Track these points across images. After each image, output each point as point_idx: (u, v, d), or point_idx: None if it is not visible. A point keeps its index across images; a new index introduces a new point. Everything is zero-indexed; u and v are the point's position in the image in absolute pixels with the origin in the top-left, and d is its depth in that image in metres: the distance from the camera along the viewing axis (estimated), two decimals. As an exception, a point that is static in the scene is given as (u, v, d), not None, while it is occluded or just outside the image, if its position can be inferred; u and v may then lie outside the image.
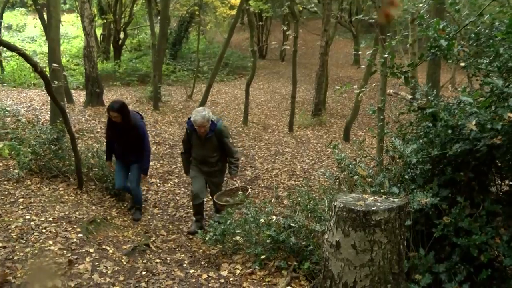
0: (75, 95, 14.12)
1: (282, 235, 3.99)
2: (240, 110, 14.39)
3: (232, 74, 21.88)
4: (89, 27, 12.83)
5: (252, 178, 8.40)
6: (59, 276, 2.62)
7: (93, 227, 4.84)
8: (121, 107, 5.48)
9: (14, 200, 5.49)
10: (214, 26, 26.47)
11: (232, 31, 12.78)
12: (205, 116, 5.33)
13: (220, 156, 5.70)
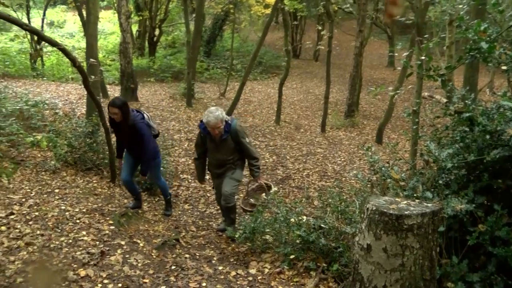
0: (110, 90, 14.40)
1: (312, 236, 3.98)
2: (272, 109, 14.39)
3: (266, 73, 21.86)
4: (126, 24, 13.05)
5: (283, 177, 8.39)
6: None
7: (125, 220, 4.94)
8: (122, 104, 5.27)
9: (51, 190, 5.65)
10: (249, 24, 26.52)
11: (266, 30, 12.78)
12: (218, 116, 4.91)
13: (237, 158, 5.30)
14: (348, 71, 16.22)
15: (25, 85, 13.56)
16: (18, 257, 3.75)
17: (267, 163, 9.20)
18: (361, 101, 16.25)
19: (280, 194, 6.80)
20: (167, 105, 13.38)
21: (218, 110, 4.99)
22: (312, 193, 7.41)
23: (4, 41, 20.15)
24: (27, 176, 6.13)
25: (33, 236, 4.20)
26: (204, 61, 20.52)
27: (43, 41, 4.70)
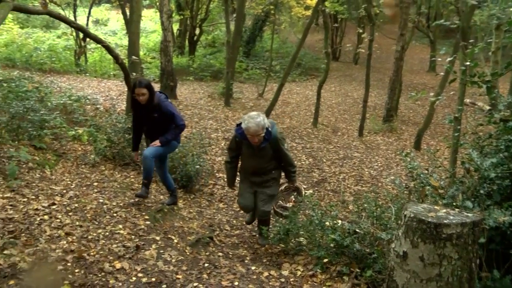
0: (150, 87, 14.64)
1: (346, 240, 3.94)
2: (310, 111, 14.32)
3: (304, 75, 21.77)
4: (167, 23, 13.26)
5: (319, 180, 8.34)
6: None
7: (160, 216, 5.02)
8: (149, 83, 5.15)
9: (90, 183, 5.79)
10: (289, 26, 26.46)
11: (306, 31, 12.73)
12: (260, 123, 4.49)
13: (274, 166, 4.95)
14: (388, 75, 15.97)
15: (69, 81, 13.98)
16: (59, 246, 3.87)
17: (303, 166, 9.16)
18: (400, 106, 15.97)
19: (315, 197, 6.76)
20: (205, 104, 13.52)
21: (259, 116, 4.58)
22: (348, 197, 7.34)
23: (52, 38, 20.84)
24: (68, 169, 6.31)
25: (73, 227, 4.32)
26: (243, 61, 20.63)
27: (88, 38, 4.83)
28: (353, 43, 23.78)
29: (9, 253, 3.57)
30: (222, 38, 23.36)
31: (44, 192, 5.10)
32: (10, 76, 9.83)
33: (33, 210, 4.52)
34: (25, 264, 3.44)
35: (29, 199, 4.80)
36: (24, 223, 4.17)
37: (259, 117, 4.57)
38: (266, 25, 23.28)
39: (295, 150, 10.27)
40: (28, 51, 17.15)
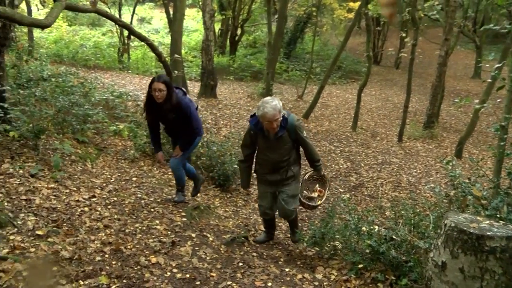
0: (190, 85, 14.84)
1: (382, 247, 3.87)
2: (349, 115, 14.18)
3: (345, 78, 21.58)
4: (209, 22, 13.38)
5: (356, 185, 8.25)
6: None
7: (197, 214, 5.06)
8: (168, 79, 4.73)
9: (129, 178, 5.91)
10: (330, 28, 26.32)
11: (349, 34, 12.63)
12: (276, 106, 4.14)
13: (293, 158, 4.58)
14: (430, 81, 15.64)
15: (112, 77, 14.30)
16: (98, 238, 3.97)
17: (341, 169, 9.08)
18: (442, 113, 15.60)
19: (352, 202, 6.68)
20: (244, 104, 13.58)
21: (274, 100, 4.23)
22: (385, 203, 7.22)
23: (97, 36, 21.42)
24: (108, 163, 6.46)
25: (111, 220, 4.43)
26: (283, 62, 20.62)
27: (133, 36, 4.92)
28: (395, 47, 23.40)
29: (52, 241, 3.69)
30: (263, 38, 23.44)
31: (85, 185, 5.24)
32: (58, 72, 10.15)
33: (75, 201, 4.65)
34: (66, 253, 3.55)
35: (71, 190, 4.94)
36: (66, 214, 4.30)
37: (274, 100, 4.22)
38: (308, 27, 23.19)
39: (333, 154, 10.19)
40: (74, 47, 17.70)
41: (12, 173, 4.82)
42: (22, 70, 8.78)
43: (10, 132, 5.62)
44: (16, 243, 3.48)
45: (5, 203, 4.09)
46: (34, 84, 8.12)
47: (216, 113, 11.73)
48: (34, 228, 3.82)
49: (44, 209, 4.27)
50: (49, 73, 9.52)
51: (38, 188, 4.71)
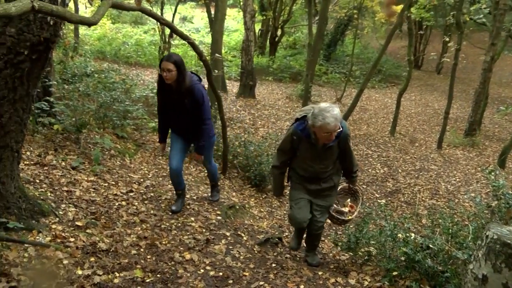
0: (229, 85, 14.94)
1: (418, 255, 3.79)
2: (388, 120, 13.97)
3: (384, 82, 21.26)
4: (250, 22, 13.46)
5: (393, 190, 8.12)
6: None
7: (232, 213, 5.09)
8: (179, 59, 4.27)
9: (166, 174, 6.00)
10: (371, 31, 25.95)
11: (390, 38, 12.42)
12: (337, 116, 3.62)
13: (337, 168, 4.14)
14: (473, 87, 15.23)
15: (152, 74, 14.55)
16: (134, 232, 4.05)
17: (378, 174, 8.96)
18: (485, 120, 15.16)
19: (388, 207, 6.58)
20: (282, 105, 13.57)
21: (334, 108, 3.66)
22: (421, 211, 7.07)
23: (139, 33, 21.85)
24: (146, 159, 6.57)
25: (147, 215, 4.51)
26: (323, 64, 20.50)
27: (175, 34, 4.97)
28: (437, 52, 22.87)
29: (91, 232, 3.79)
30: (303, 40, 23.35)
31: (123, 179, 5.35)
32: (101, 68, 10.40)
33: (113, 195, 4.76)
34: (103, 244, 3.64)
35: (109, 184, 5.06)
36: (104, 207, 4.40)
37: (334, 109, 3.65)
38: (348, 29, 22.97)
39: (370, 158, 10.06)
40: (117, 45, 18.12)
41: (55, 165, 4.97)
42: (68, 66, 9.05)
43: (54, 125, 5.80)
44: (57, 232, 3.59)
45: (48, 194, 4.23)
46: (78, 80, 8.36)
47: (254, 113, 11.77)
48: (74, 219, 3.93)
49: (84, 201, 4.39)
50: (92, 69, 9.77)
51: (79, 180, 4.84)
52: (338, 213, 4.33)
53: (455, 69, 12.34)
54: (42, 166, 4.82)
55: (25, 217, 3.53)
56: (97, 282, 3.12)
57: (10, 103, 3.22)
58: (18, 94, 3.24)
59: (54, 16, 2.53)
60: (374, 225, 5.16)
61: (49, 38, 3.21)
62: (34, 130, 5.60)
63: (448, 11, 14.75)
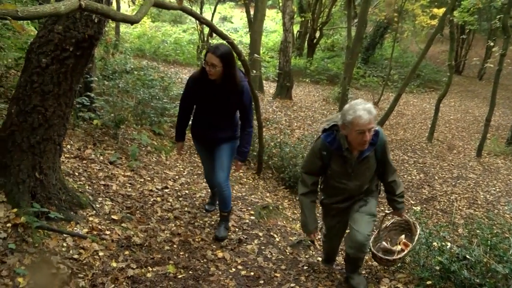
0: (266, 85, 14.96)
1: (454, 265, 3.69)
2: (426, 125, 13.70)
3: (423, 87, 20.86)
4: (289, 24, 13.43)
5: (428, 197, 7.95)
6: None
7: (265, 213, 5.10)
8: (227, 53, 3.58)
9: (201, 172, 6.05)
10: (411, 34, 25.50)
11: (431, 42, 12.17)
12: (371, 110, 3.01)
13: (373, 185, 3.49)
14: (517, 94, 14.74)
15: (190, 73, 14.67)
16: (167, 228, 4.11)
17: (413, 180, 8.80)
18: (529, 129, 14.66)
19: (423, 215, 6.45)
20: (319, 107, 13.50)
21: (368, 103, 3.07)
22: (458, 220, 6.90)
23: (178, 32, 22.17)
24: (182, 156, 6.65)
25: (181, 212, 4.56)
26: (361, 67, 20.29)
27: (215, 34, 5.00)
28: (480, 57, 22.27)
29: (126, 226, 3.87)
30: (342, 42, 23.17)
31: (158, 176, 5.43)
32: (140, 65, 10.59)
33: (148, 191, 4.84)
34: (137, 239, 3.70)
35: (145, 180, 5.14)
36: (140, 202, 4.48)
37: (366, 103, 3.05)
38: (388, 33, 22.65)
39: (406, 164, 9.89)
40: (156, 43, 18.42)
41: (94, 159, 5.09)
42: (108, 62, 9.23)
43: (94, 120, 5.94)
44: (94, 224, 3.68)
45: (87, 187, 4.33)
46: (118, 76, 8.52)
47: (291, 115, 11.74)
48: (110, 213, 4.01)
49: (120, 195, 4.48)
50: (132, 67, 9.95)
51: (116, 175, 4.95)
52: (387, 253, 3.66)
53: (499, 75, 11.96)
54: (81, 160, 4.94)
55: (64, 208, 3.63)
56: (131, 275, 3.18)
57: (54, 97, 3.32)
58: (62, 89, 3.34)
59: (99, 14, 2.59)
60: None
61: (93, 35, 3.29)
62: (75, 124, 5.75)
63: (494, 14, 14.29)
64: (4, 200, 3.25)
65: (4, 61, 5.78)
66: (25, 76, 3.29)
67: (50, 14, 2.12)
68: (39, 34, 3.29)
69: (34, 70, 3.24)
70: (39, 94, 3.27)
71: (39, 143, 3.37)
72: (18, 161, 3.33)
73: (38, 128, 3.33)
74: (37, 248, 3.07)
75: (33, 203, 3.36)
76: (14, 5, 1.85)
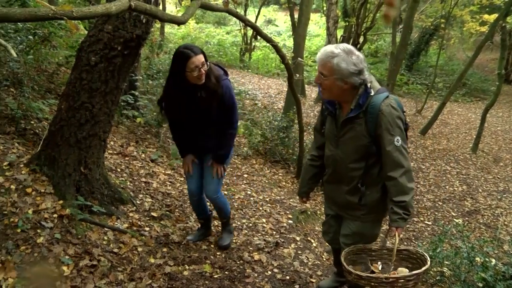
0: (307, 89, 14.93)
1: (499, 284, 3.55)
2: (470, 136, 13.31)
3: (469, 96, 20.27)
4: (333, 28, 13.36)
5: (471, 210, 7.71)
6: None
7: (303, 218, 5.07)
8: (202, 49, 3.28)
9: (240, 174, 6.09)
10: (458, 41, 24.85)
11: (479, 50, 11.86)
12: (327, 50, 2.53)
13: (373, 174, 2.70)
14: None
15: (232, 75, 14.80)
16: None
17: (455, 192, 8.55)
18: None
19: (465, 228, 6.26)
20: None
21: (341, 46, 2.54)
22: (503, 236, 6.66)
23: (221, 34, 22.39)
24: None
25: (220, 212, 4.59)
26: (404, 74, 19.93)
27: (260, 36, 5.03)
28: (532, 66, 21.47)
29: (165, 224, 3.93)
30: (385, 48, 22.82)
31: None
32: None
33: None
34: (175, 237, 3.75)
35: (185, 179, 5.20)
36: (179, 200, 4.54)
37: (337, 48, 2.51)
38: (434, 39, 22.13)
39: (448, 174, 9.63)
40: (200, 44, 18.65)
41: (136, 156, 5.20)
42: (153, 62, 9.42)
43: (137, 118, 6.07)
44: (134, 220, 3.76)
45: (128, 183, 4.42)
46: (162, 76, 8.67)
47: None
48: (150, 209, 4.08)
49: (160, 193, 4.55)
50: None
51: (156, 173, 5.03)
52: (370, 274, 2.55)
53: (551, 87, 11.51)
54: (124, 156, 5.05)
55: (106, 203, 3.72)
56: (168, 272, 3.22)
57: (101, 95, 3.41)
58: (109, 87, 3.43)
59: (148, 14, 2.64)
60: (449, 245, 4.95)
61: (140, 35, 3.37)
62: (119, 121, 5.89)
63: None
64: (51, 191, 3.37)
65: (56, 59, 5.99)
66: (75, 74, 3.40)
67: (102, 14, 2.18)
68: (89, 33, 3.39)
69: (84, 68, 3.35)
70: (87, 91, 3.37)
71: (85, 139, 3.47)
72: (66, 155, 3.45)
73: (85, 124, 3.43)
74: (80, 240, 3.16)
75: (77, 196, 3.47)
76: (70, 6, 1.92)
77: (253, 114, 8.94)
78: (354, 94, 2.58)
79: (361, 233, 2.83)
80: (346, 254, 2.67)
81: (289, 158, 7.17)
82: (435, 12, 19.91)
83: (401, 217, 2.55)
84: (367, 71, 2.57)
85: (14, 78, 4.68)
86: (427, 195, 8.22)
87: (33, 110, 4.39)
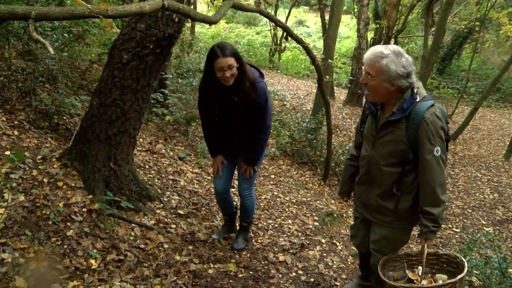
0: (336, 92, 14.83)
1: (532, 296, 3.47)
2: (503, 142, 12.99)
3: (502, 101, 19.79)
4: (363, 30, 13.25)
5: (502, 219, 7.52)
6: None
7: (329, 220, 5.05)
8: (236, 50, 3.13)
9: (267, 174, 6.09)
10: (493, 45, 24.28)
11: (515, 54, 11.55)
12: (376, 51, 2.53)
13: (407, 182, 2.63)
14: None
15: (262, 74, 14.85)
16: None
17: (486, 200, 8.36)
18: None
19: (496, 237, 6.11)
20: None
21: (390, 47, 2.55)
22: (536, 247, 6.48)
23: (251, 34, 22.45)
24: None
25: (245, 212, 4.60)
26: (435, 78, 19.59)
27: (290, 37, 5.02)
28: None
29: (191, 222, 3.96)
30: (417, 51, 22.43)
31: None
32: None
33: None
34: (201, 235, 3.78)
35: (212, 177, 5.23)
36: (206, 199, 4.57)
37: (388, 48, 2.53)
38: (467, 43, 21.68)
39: (478, 181, 9.42)
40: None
41: (164, 153, 5.25)
42: (183, 61, 9.51)
43: (166, 116, 6.14)
44: (161, 217, 3.80)
45: (156, 180, 4.48)
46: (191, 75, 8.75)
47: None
48: (177, 207, 4.12)
49: (187, 191, 4.59)
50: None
51: (184, 171, 5.08)
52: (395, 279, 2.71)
53: None
54: (152, 154, 5.12)
55: (134, 199, 3.77)
56: (193, 270, 3.25)
57: (132, 92, 3.46)
58: (140, 85, 3.48)
59: (180, 13, 2.67)
60: (478, 254, 4.84)
61: (172, 34, 3.41)
62: (148, 119, 5.96)
63: None
64: (81, 186, 3.44)
65: (89, 56, 6.11)
66: (107, 71, 3.46)
67: (136, 13, 2.22)
68: (122, 31, 3.45)
69: (116, 65, 3.40)
70: (119, 88, 3.42)
71: (115, 135, 3.53)
72: (96, 151, 3.51)
73: (115, 120, 3.49)
74: (107, 234, 3.22)
75: (106, 191, 3.53)
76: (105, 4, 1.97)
77: (281, 115, 8.92)
78: (399, 97, 2.55)
79: (389, 239, 2.81)
80: (384, 262, 2.68)
81: (316, 160, 7.14)
82: (469, 14, 19.49)
83: (430, 230, 2.56)
84: (414, 75, 2.53)
85: (49, 75, 4.80)
86: (456, 201, 8.06)
87: (66, 106, 4.49)
